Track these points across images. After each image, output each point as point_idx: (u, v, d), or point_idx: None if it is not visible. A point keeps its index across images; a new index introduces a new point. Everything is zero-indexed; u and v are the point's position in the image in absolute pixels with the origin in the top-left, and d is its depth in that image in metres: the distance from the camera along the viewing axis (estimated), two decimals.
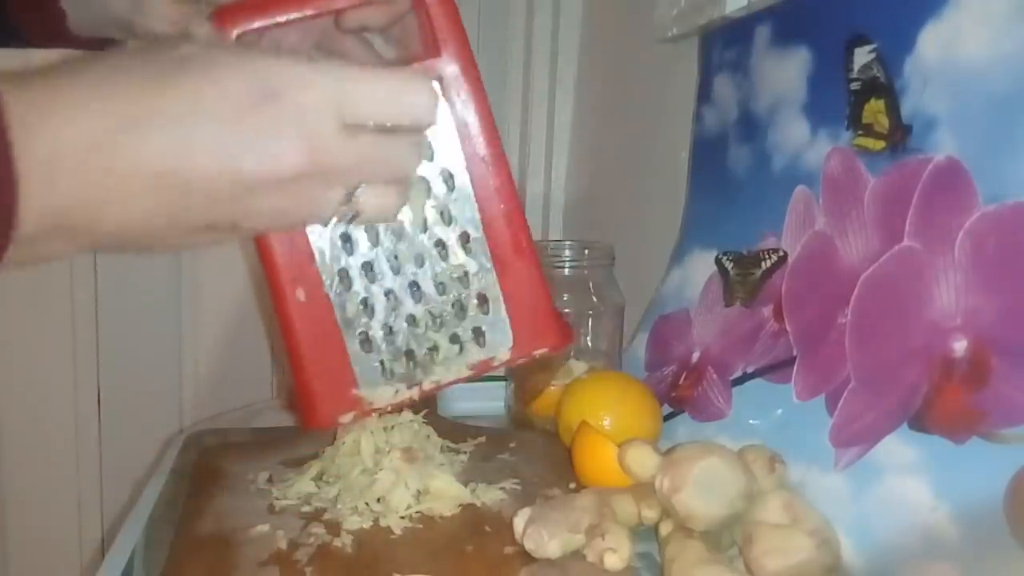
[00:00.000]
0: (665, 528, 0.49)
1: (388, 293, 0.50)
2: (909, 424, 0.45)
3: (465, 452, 0.61)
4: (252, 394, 1.07)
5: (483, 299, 0.52)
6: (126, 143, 0.34)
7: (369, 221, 0.43)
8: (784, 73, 0.60)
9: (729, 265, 0.65)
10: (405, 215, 0.49)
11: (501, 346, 0.52)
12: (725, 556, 0.47)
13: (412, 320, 0.51)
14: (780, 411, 0.55)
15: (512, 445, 0.63)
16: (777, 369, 0.57)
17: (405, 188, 0.43)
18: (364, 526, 0.50)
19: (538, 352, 0.53)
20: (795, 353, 0.56)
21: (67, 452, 1.11)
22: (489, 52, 1.13)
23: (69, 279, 1.09)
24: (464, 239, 0.51)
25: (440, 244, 0.50)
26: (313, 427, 0.52)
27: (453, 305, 0.51)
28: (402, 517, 0.51)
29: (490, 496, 0.54)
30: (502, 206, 0.51)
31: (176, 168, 0.35)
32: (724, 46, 0.68)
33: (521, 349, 0.52)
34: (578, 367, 0.70)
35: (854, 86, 0.53)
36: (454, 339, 0.51)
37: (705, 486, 0.46)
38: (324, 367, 0.50)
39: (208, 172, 0.35)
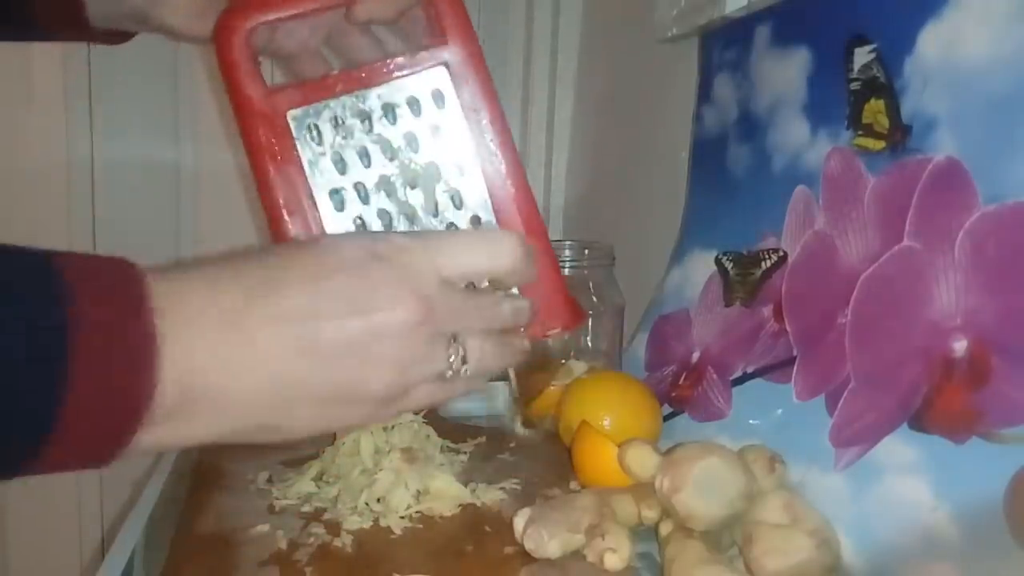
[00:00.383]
0: (665, 528, 0.49)
1: None
2: (909, 424, 0.45)
3: (465, 452, 0.61)
4: None
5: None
6: (258, 308, 0.36)
7: (476, 374, 0.44)
8: (784, 73, 0.60)
9: (729, 265, 0.64)
10: (416, 200, 0.50)
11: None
12: (725, 556, 0.47)
13: None
14: (780, 411, 0.55)
15: (512, 445, 0.63)
16: (777, 369, 0.57)
17: (505, 346, 0.45)
18: (364, 526, 0.50)
19: (552, 332, 0.54)
20: (795, 353, 0.56)
21: None
22: (489, 53, 1.12)
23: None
24: (475, 223, 0.51)
25: (452, 228, 0.51)
26: None
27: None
28: (402, 517, 0.51)
29: (490, 496, 0.54)
30: (512, 189, 0.52)
31: (308, 323, 0.37)
32: (724, 46, 0.68)
33: (535, 329, 0.53)
34: (578, 367, 0.70)
35: (854, 86, 0.53)
36: None
37: (705, 486, 0.46)
38: None
39: (338, 322, 0.37)
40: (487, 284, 0.46)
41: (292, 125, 0.49)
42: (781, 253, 0.59)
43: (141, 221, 1.09)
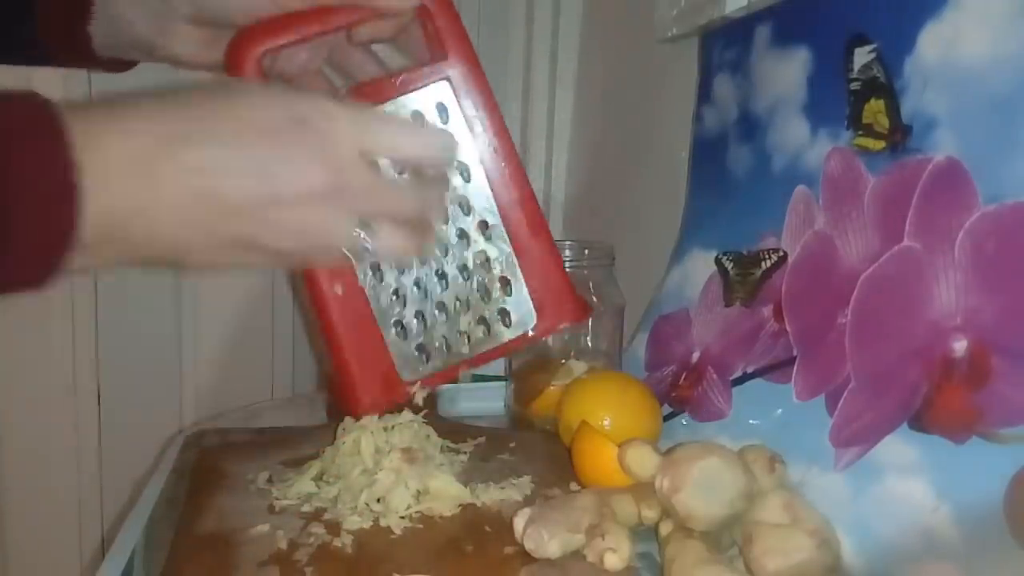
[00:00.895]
0: (665, 528, 0.49)
1: (417, 282, 0.54)
2: (909, 424, 0.46)
3: (465, 452, 0.61)
4: (252, 394, 1.07)
5: (505, 281, 0.55)
6: (169, 156, 0.38)
7: (381, 258, 0.46)
8: (784, 73, 0.60)
9: (729, 265, 0.65)
10: None
11: (526, 324, 0.55)
12: (725, 556, 0.47)
13: (442, 306, 0.54)
14: (780, 411, 0.55)
15: (512, 445, 0.63)
16: (777, 369, 0.57)
17: (419, 235, 0.46)
18: (364, 526, 0.50)
19: (561, 326, 0.56)
20: (795, 353, 0.56)
21: (67, 452, 1.11)
22: (489, 53, 1.12)
23: (68, 278, 1.09)
24: (483, 227, 0.54)
25: (462, 233, 0.54)
26: (357, 413, 0.55)
27: (478, 289, 0.55)
28: (402, 517, 0.51)
29: (490, 496, 0.54)
30: (515, 192, 0.54)
31: (212, 179, 0.39)
32: (724, 46, 0.68)
33: (545, 325, 0.56)
34: (578, 367, 0.70)
35: (854, 86, 0.53)
36: (482, 321, 0.55)
37: (705, 486, 0.46)
38: (364, 355, 0.53)
39: (241, 183, 0.40)
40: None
41: None
42: (781, 253, 0.59)
43: None
